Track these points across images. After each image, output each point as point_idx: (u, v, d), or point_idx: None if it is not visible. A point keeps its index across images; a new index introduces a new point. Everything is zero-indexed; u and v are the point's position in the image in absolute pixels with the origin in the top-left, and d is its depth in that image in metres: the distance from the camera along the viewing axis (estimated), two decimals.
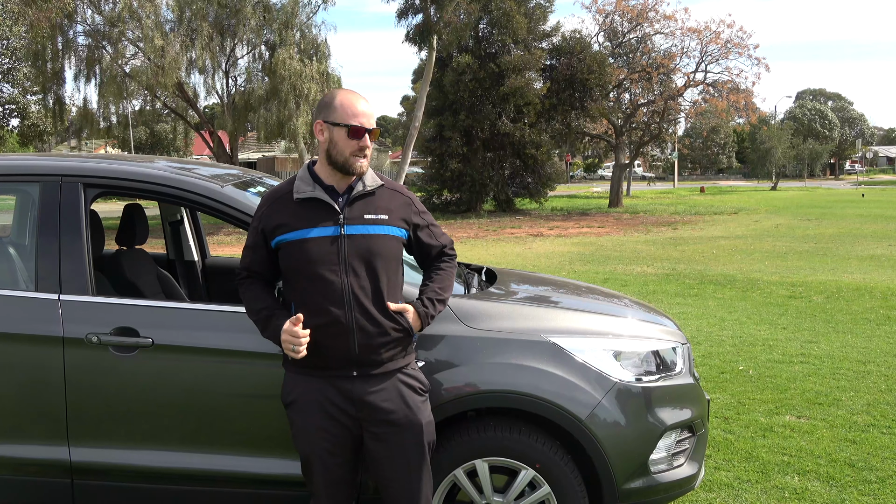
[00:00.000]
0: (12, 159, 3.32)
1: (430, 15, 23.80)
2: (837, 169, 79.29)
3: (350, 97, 2.57)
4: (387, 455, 2.59)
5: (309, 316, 2.51)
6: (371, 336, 2.53)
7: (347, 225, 2.54)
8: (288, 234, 2.55)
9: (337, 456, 2.59)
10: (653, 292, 10.05)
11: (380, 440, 2.58)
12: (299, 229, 2.54)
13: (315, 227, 2.53)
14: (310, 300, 2.53)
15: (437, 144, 28.94)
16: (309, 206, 2.56)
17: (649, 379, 3.09)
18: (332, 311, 2.51)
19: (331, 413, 2.56)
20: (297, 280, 2.57)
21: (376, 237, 2.57)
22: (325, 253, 2.52)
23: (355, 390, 2.55)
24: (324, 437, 2.57)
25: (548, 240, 18.65)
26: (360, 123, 2.52)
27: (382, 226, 2.59)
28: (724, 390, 5.66)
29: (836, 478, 4.10)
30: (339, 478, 2.63)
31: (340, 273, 2.52)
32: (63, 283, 3.01)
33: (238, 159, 31.10)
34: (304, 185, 2.59)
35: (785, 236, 17.94)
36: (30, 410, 3.00)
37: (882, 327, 7.71)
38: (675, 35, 32.00)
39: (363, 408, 2.56)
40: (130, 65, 24.70)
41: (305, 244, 2.53)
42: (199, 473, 3.00)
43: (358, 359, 2.54)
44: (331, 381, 2.56)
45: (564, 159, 53.24)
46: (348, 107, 2.54)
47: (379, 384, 2.57)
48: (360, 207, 2.58)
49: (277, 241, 2.57)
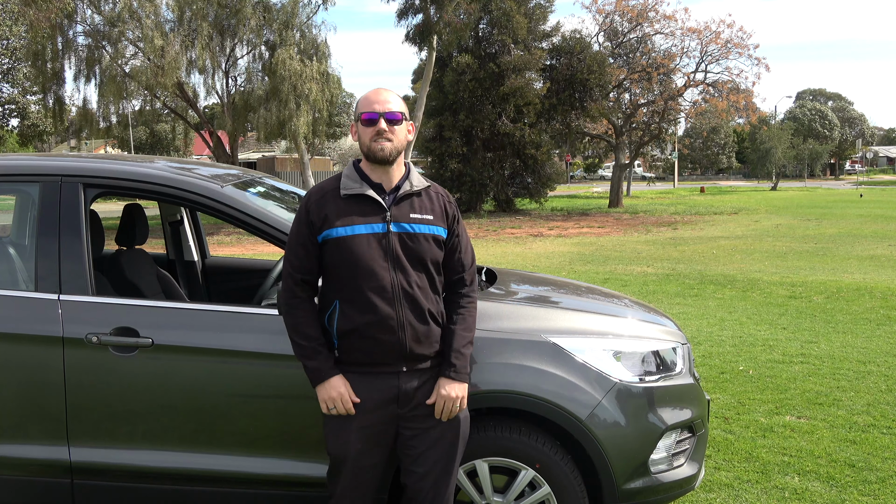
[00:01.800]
0: (12, 159, 3.32)
1: (430, 15, 23.80)
2: (837, 169, 79.29)
3: (370, 92, 2.64)
4: (424, 450, 2.61)
5: (358, 313, 2.53)
6: (420, 332, 2.57)
7: (394, 223, 2.57)
8: (335, 230, 2.55)
9: (371, 458, 2.61)
10: (653, 292, 10.05)
11: (419, 435, 2.61)
12: (346, 225, 2.55)
13: (363, 223, 2.55)
14: (358, 297, 2.54)
15: (436, 144, 28.95)
16: (356, 202, 2.58)
17: (649, 379, 3.09)
18: (382, 307, 2.53)
19: (373, 413, 2.57)
20: (344, 277, 2.56)
21: (421, 236, 2.60)
22: (374, 249, 2.54)
23: (402, 386, 2.58)
24: (360, 438, 2.57)
25: (548, 240, 18.65)
26: (373, 109, 2.56)
27: (428, 225, 2.62)
28: (724, 390, 5.66)
29: (836, 478, 4.10)
30: (367, 480, 2.63)
31: (389, 270, 2.54)
32: (63, 284, 3.01)
33: (238, 159, 31.10)
34: (352, 182, 2.61)
35: (785, 236, 17.94)
36: (30, 410, 2.99)
37: (882, 327, 7.70)
38: (675, 35, 32.05)
39: (407, 402, 2.59)
40: (130, 65, 24.71)
41: (354, 240, 2.54)
42: (199, 473, 3.00)
43: (408, 354, 2.57)
44: (379, 378, 2.57)
45: (564, 159, 53.21)
46: (365, 99, 2.61)
47: (424, 378, 2.61)
48: (406, 206, 2.61)
49: (325, 235, 2.57)
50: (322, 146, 46.18)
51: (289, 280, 2.62)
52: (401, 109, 2.60)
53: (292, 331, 2.62)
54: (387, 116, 2.57)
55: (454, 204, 2.77)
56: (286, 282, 2.63)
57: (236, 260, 5.29)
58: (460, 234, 2.76)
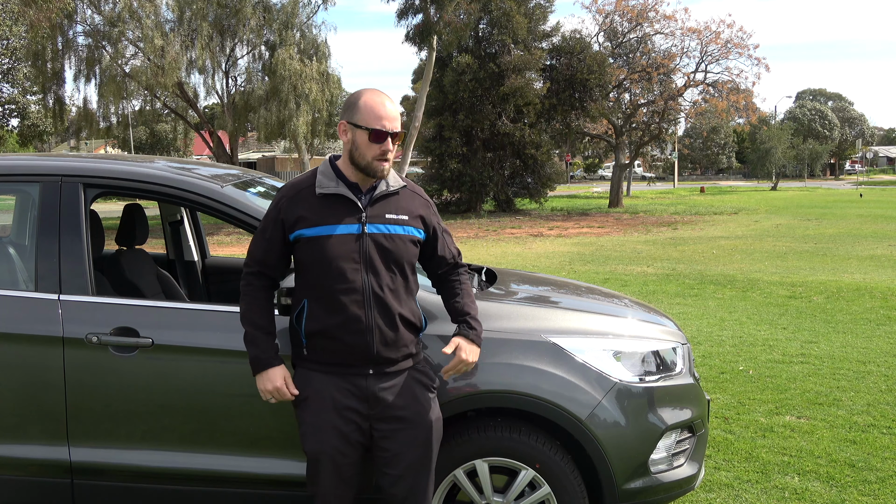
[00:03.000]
0: (12, 159, 3.32)
1: (430, 15, 23.79)
2: (837, 169, 79.29)
3: (375, 98, 2.53)
4: (396, 452, 2.58)
5: (327, 313, 2.51)
6: (389, 335, 2.54)
7: (370, 223, 2.54)
8: (309, 229, 2.52)
9: (347, 455, 2.58)
10: (653, 292, 10.05)
11: (390, 437, 2.58)
12: (321, 225, 2.51)
13: (338, 223, 2.51)
14: (328, 298, 2.51)
15: (436, 144, 28.93)
16: (331, 201, 2.54)
17: (649, 379, 3.09)
18: (352, 309, 2.50)
19: (343, 411, 2.55)
20: (316, 277, 2.54)
21: (397, 237, 2.57)
22: (346, 250, 2.50)
23: (370, 387, 2.55)
24: (336, 435, 2.55)
25: (548, 240, 18.64)
26: (383, 127, 2.49)
27: (403, 226, 2.60)
28: (724, 390, 5.66)
29: (836, 478, 4.10)
30: (348, 477, 2.62)
31: (361, 271, 2.51)
32: (63, 284, 3.01)
33: (238, 159, 31.12)
34: (328, 181, 2.57)
35: (785, 236, 17.94)
36: (30, 410, 2.99)
37: (882, 327, 7.71)
38: (675, 35, 32.03)
39: (376, 404, 2.56)
40: (130, 65, 24.73)
41: (327, 240, 2.50)
42: (199, 473, 3.00)
43: (376, 357, 2.54)
44: (345, 379, 2.55)
45: (564, 159, 53.23)
46: (372, 109, 2.50)
47: (392, 381, 2.58)
48: (382, 207, 2.58)
49: (297, 234, 2.54)
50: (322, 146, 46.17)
51: (245, 269, 2.65)
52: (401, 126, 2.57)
53: (242, 317, 2.62)
54: (394, 136, 2.51)
55: (430, 202, 2.76)
56: (244, 270, 2.66)
57: (236, 260, 5.28)
58: (439, 230, 2.75)
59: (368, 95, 2.54)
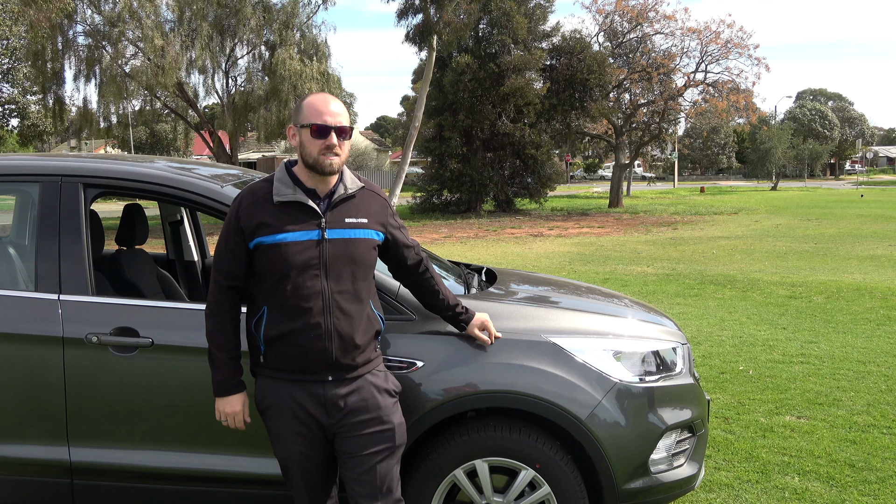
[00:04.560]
0: (12, 159, 3.31)
1: (430, 15, 23.80)
2: (837, 169, 79.28)
3: (317, 98, 2.55)
4: (357, 456, 2.54)
5: (286, 320, 2.49)
6: (349, 341, 2.51)
7: (329, 229, 2.51)
8: (268, 237, 2.49)
9: (313, 459, 2.59)
10: (653, 292, 10.05)
11: (350, 442, 2.54)
12: (280, 232, 2.48)
13: (296, 230, 2.49)
14: (287, 304, 2.49)
15: (436, 144, 28.94)
16: (289, 208, 2.51)
17: (649, 379, 3.09)
18: (311, 315, 2.48)
19: (302, 418, 2.53)
20: (274, 283, 2.51)
21: (357, 241, 2.55)
22: (306, 257, 2.48)
23: (328, 394, 2.52)
24: (298, 442, 2.55)
25: (548, 240, 18.64)
26: (324, 122, 2.48)
27: (363, 229, 2.58)
28: (724, 390, 5.66)
29: (836, 478, 4.10)
30: (318, 479, 2.63)
31: (321, 277, 2.49)
32: (63, 284, 3.01)
33: (238, 159, 31.11)
34: (285, 188, 2.54)
35: (785, 236, 17.94)
36: (30, 410, 2.99)
37: (882, 327, 7.70)
38: (675, 35, 32.03)
39: (335, 412, 2.53)
40: (130, 65, 24.73)
41: (286, 248, 2.47)
42: (199, 473, 3.00)
43: (335, 363, 2.51)
44: (303, 386, 2.53)
45: (564, 159, 53.23)
46: (314, 106, 2.51)
47: (351, 387, 2.55)
48: (340, 211, 2.55)
49: (257, 241, 2.51)
50: None
51: (214, 286, 2.59)
52: (349, 124, 2.55)
53: (209, 336, 2.60)
54: (338, 130, 2.49)
55: (387, 199, 2.74)
56: (212, 286, 2.60)
57: None
58: (400, 226, 2.76)
59: (312, 97, 2.56)
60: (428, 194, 30.09)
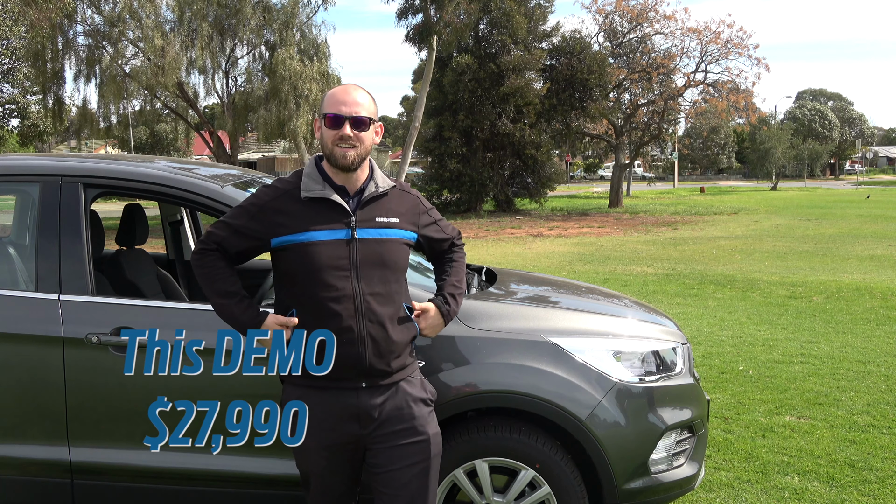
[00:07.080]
0: (12, 159, 3.32)
1: (430, 15, 23.80)
2: (837, 169, 79.29)
3: (340, 88, 2.43)
4: (392, 469, 2.40)
5: (315, 324, 2.34)
6: (382, 345, 2.37)
7: (359, 228, 2.38)
8: (294, 236, 2.35)
9: (337, 474, 2.47)
10: (653, 292, 10.05)
11: (384, 454, 2.41)
12: (307, 231, 2.35)
13: (325, 229, 2.35)
14: (316, 307, 2.35)
15: (436, 144, 28.95)
16: (318, 206, 2.38)
17: (649, 379, 3.09)
18: (342, 318, 2.33)
19: (333, 433, 2.40)
20: (302, 285, 2.37)
21: (388, 241, 2.42)
22: (335, 257, 2.34)
23: (361, 403, 2.38)
24: (324, 457, 2.43)
25: (548, 240, 18.64)
26: (339, 111, 2.36)
27: (394, 229, 2.44)
28: (724, 390, 5.66)
29: (836, 478, 4.10)
30: (338, 494, 2.53)
31: (352, 279, 2.35)
32: (63, 284, 3.01)
33: (238, 159, 31.09)
34: (314, 184, 2.40)
35: (785, 236, 17.93)
36: (30, 410, 3.00)
37: (882, 327, 7.71)
38: (675, 35, 32.03)
39: (369, 422, 2.39)
40: (130, 65, 24.72)
41: (314, 247, 2.34)
42: (199, 473, 3.00)
43: (368, 369, 2.37)
44: (336, 395, 2.38)
45: (564, 159, 53.21)
46: (334, 96, 2.40)
47: (386, 395, 2.41)
48: (371, 210, 2.42)
49: (280, 240, 2.37)
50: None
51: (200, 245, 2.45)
52: (369, 113, 2.39)
53: (207, 284, 2.42)
54: (353, 121, 2.35)
55: (420, 196, 2.61)
56: (197, 246, 2.46)
57: None
58: (435, 220, 2.64)
59: (336, 88, 2.45)
60: (428, 194, 30.06)
